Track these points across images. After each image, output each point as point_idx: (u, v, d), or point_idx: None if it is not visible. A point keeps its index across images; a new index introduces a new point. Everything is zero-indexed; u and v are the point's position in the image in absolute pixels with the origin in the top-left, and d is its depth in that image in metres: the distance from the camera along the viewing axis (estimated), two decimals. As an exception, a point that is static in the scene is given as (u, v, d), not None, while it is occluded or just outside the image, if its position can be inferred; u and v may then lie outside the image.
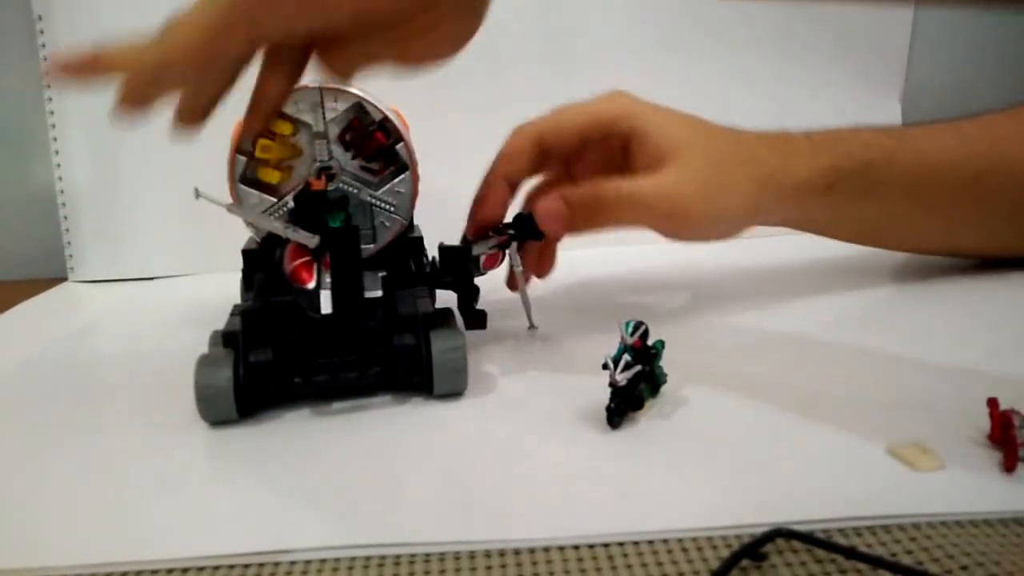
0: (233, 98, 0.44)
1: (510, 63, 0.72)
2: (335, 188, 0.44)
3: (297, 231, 0.38)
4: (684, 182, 0.42)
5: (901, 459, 0.31)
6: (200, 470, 0.35)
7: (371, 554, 0.28)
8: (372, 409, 0.39)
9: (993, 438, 0.32)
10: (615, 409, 0.35)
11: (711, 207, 0.43)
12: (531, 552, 0.27)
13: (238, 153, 0.43)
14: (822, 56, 0.74)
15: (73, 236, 0.71)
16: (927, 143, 0.49)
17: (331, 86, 0.43)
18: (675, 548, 0.27)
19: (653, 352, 0.37)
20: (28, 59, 0.70)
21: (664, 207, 0.42)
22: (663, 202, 0.42)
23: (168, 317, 0.58)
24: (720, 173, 0.43)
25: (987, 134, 0.50)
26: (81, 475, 0.34)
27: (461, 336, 0.40)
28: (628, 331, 0.36)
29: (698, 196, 0.42)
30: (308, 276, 0.37)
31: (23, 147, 0.74)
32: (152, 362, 0.48)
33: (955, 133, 0.50)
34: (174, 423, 0.38)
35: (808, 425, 0.35)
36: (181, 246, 0.71)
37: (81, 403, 0.43)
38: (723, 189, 0.43)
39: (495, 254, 0.47)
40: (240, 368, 0.37)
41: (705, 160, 0.43)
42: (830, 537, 0.27)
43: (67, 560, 0.28)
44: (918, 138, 0.50)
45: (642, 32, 0.73)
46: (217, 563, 0.28)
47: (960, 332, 0.46)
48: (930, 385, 0.39)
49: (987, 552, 0.26)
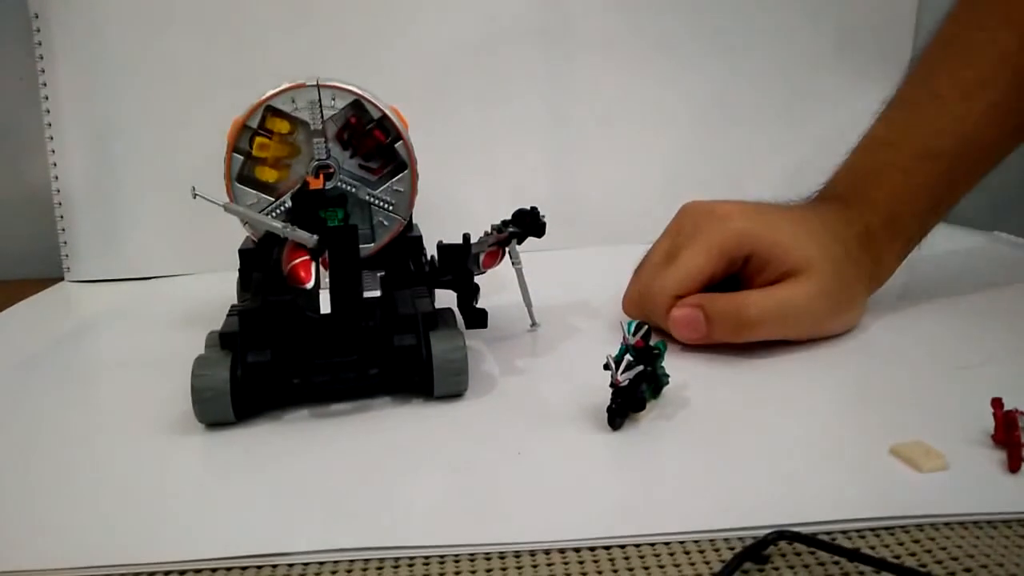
0: (230, 96, 0.44)
1: (510, 63, 0.72)
2: (333, 187, 0.44)
3: (295, 230, 0.37)
4: (818, 296, 0.43)
5: (904, 460, 0.31)
6: (198, 472, 0.35)
7: (371, 556, 0.28)
8: (372, 410, 0.39)
9: (997, 438, 0.32)
10: (616, 410, 0.35)
11: (839, 321, 0.46)
12: (532, 555, 0.27)
13: (235, 152, 0.43)
14: (824, 53, 0.74)
15: (69, 236, 0.71)
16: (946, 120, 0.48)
17: (329, 84, 0.42)
18: (677, 550, 0.27)
19: (656, 352, 0.37)
20: (24, 58, 0.69)
21: (805, 323, 0.44)
22: (804, 318, 0.44)
23: (165, 317, 0.58)
24: (842, 287, 0.45)
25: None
26: (77, 477, 0.34)
27: (461, 336, 0.39)
28: (630, 331, 0.35)
29: (829, 311, 0.45)
30: (306, 276, 0.37)
31: (19, 147, 0.73)
32: (148, 363, 0.47)
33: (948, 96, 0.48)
34: (171, 425, 0.38)
35: (810, 426, 0.35)
36: (178, 246, 0.70)
37: (77, 404, 0.43)
38: (847, 301, 0.46)
39: (495, 252, 0.47)
40: (238, 369, 0.37)
41: (833, 274, 0.44)
42: (833, 539, 0.27)
43: (64, 562, 0.28)
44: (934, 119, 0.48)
45: (642, 32, 0.73)
46: (215, 565, 0.27)
47: (963, 332, 0.46)
48: (933, 385, 0.39)
49: (991, 553, 0.26)
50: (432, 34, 0.71)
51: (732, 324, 0.43)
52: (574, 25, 0.72)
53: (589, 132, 0.74)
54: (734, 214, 0.45)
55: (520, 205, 0.48)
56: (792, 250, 0.44)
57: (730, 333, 0.43)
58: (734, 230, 0.44)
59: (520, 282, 0.49)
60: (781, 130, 0.75)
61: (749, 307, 0.43)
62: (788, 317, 0.43)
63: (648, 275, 0.46)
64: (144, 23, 0.69)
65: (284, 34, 0.70)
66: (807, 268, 0.43)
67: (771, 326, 0.43)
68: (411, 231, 0.47)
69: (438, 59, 0.71)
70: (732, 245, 0.44)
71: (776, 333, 0.43)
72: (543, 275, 0.50)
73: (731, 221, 0.45)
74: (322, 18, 0.70)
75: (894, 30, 0.75)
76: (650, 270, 0.47)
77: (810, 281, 0.43)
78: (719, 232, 0.45)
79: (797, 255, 0.43)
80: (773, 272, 0.44)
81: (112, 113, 0.69)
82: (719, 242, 0.44)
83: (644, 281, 0.47)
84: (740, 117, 0.75)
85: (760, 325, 0.43)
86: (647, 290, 0.46)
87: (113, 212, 0.71)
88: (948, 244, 0.46)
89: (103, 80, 0.69)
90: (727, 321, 0.43)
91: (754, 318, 0.43)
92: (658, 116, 0.75)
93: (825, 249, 0.44)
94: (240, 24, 0.69)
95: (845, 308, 0.46)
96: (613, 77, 0.73)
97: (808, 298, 0.43)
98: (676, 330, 0.44)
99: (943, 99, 0.48)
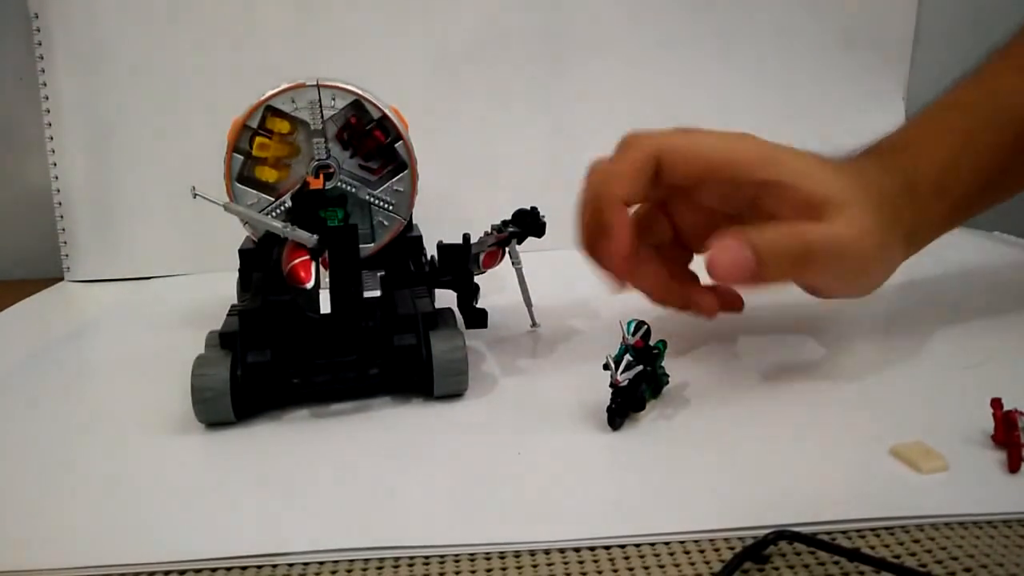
0: (230, 96, 0.44)
1: (510, 62, 0.72)
2: (333, 187, 0.43)
3: (295, 230, 0.37)
4: (865, 234, 0.38)
5: (904, 460, 0.31)
6: (198, 472, 0.35)
7: (370, 556, 0.28)
8: (372, 410, 0.39)
9: (997, 439, 0.32)
10: (616, 410, 0.35)
11: (885, 264, 0.40)
12: (532, 554, 0.27)
13: (235, 152, 0.43)
14: (825, 52, 0.74)
15: (69, 236, 0.71)
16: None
17: (329, 84, 0.42)
18: (677, 550, 0.27)
19: (655, 352, 0.37)
20: (25, 58, 0.69)
21: (854, 264, 0.38)
22: (854, 258, 0.38)
23: (165, 317, 0.58)
24: (884, 231, 0.39)
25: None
26: (77, 477, 0.34)
27: (461, 336, 0.39)
28: (630, 331, 0.35)
29: (875, 257, 0.39)
30: (306, 276, 0.37)
31: (19, 147, 0.73)
32: (149, 363, 0.47)
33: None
34: (171, 425, 0.38)
35: (811, 426, 0.35)
36: (178, 246, 0.70)
37: (77, 404, 0.43)
38: (887, 246, 0.40)
39: (495, 252, 0.47)
40: (238, 369, 0.37)
41: (870, 212, 0.38)
42: (833, 539, 0.27)
43: (64, 562, 0.28)
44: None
45: (642, 32, 0.73)
46: (215, 565, 0.27)
47: (963, 332, 0.46)
48: (933, 386, 0.39)
49: (991, 554, 0.26)
50: (432, 34, 0.71)
51: (793, 259, 0.36)
52: (574, 25, 0.72)
53: (589, 132, 0.74)
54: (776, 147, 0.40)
55: (520, 205, 0.48)
56: (816, 183, 0.38)
57: (786, 271, 0.37)
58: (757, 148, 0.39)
59: (520, 282, 0.49)
60: (781, 130, 0.75)
61: (809, 232, 0.36)
62: (844, 254, 0.37)
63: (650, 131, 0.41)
64: (144, 23, 0.69)
65: (284, 34, 0.70)
66: (834, 205, 0.37)
67: (833, 261, 0.37)
68: (411, 231, 0.47)
69: (438, 59, 0.71)
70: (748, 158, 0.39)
71: (830, 273, 0.38)
72: (543, 275, 0.50)
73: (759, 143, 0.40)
74: (322, 18, 0.70)
75: (894, 30, 0.76)
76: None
77: (852, 215, 0.37)
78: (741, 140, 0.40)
79: (820, 188, 0.38)
80: (792, 209, 0.38)
81: (112, 113, 0.69)
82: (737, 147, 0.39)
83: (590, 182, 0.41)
84: (740, 117, 0.75)
85: (823, 258, 0.37)
86: (635, 135, 0.41)
87: (113, 212, 0.71)
88: (948, 244, 0.45)
89: (103, 80, 0.69)
90: (786, 257, 0.36)
91: (819, 249, 0.36)
92: (658, 116, 0.74)
93: (859, 185, 0.38)
94: (240, 24, 0.69)
95: (886, 258, 0.40)
96: (613, 77, 0.73)
97: (860, 231, 0.37)
98: (717, 271, 0.36)
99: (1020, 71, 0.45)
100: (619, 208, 0.39)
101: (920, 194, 0.41)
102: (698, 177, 0.40)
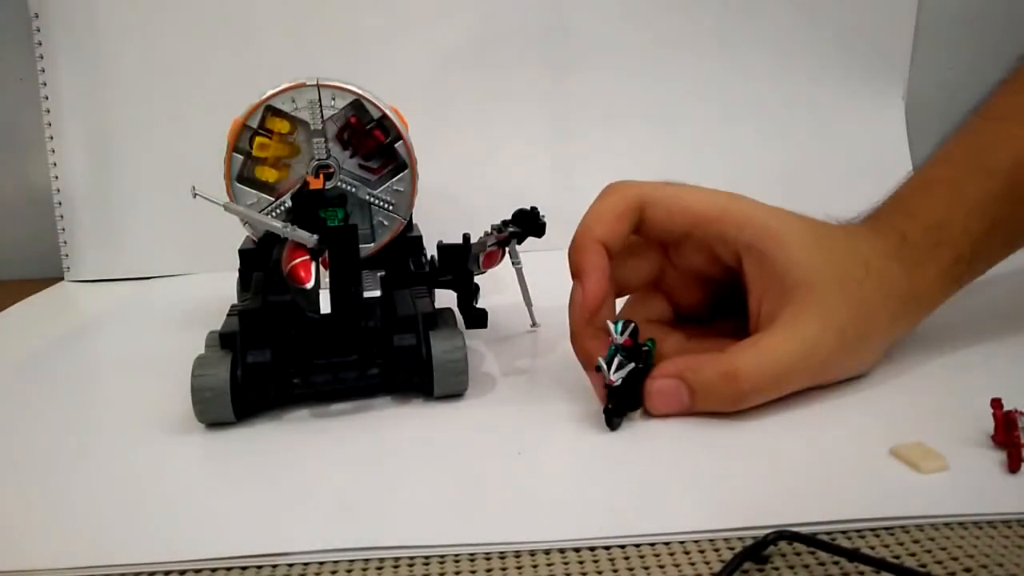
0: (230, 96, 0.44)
1: (511, 62, 0.72)
2: (333, 187, 0.43)
3: (295, 230, 0.37)
4: (824, 331, 0.36)
5: (904, 461, 0.31)
6: (198, 472, 0.35)
7: (370, 556, 0.28)
8: (372, 410, 0.39)
9: (997, 439, 0.32)
10: (613, 410, 0.35)
11: (851, 361, 0.38)
12: (531, 554, 0.27)
13: (235, 152, 0.43)
14: (824, 54, 0.74)
15: (69, 236, 0.71)
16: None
17: (329, 84, 0.42)
18: (677, 550, 0.27)
19: (645, 350, 0.37)
20: (25, 58, 0.69)
21: (806, 374, 0.36)
22: (806, 368, 0.36)
23: (165, 317, 0.58)
24: (860, 315, 0.37)
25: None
26: (77, 477, 0.34)
27: (461, 336, 0.39)
28: (618, 331, 0.35)
29: (839, 350, 0.37)
30: (306, 276, 0.37)
31: (19, 147, 0.73)
32: (148, 363, 0.48)
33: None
34: (171, 425, 0.38)
35: (811, 426, 0.35)
36: (178, 246, 0.70)
37: (77, 404, 0.43)
38: (863, 336, 0.38)
39: (495, 252, 0.47)
40: (238, 369, 0.37)
41: (843, 298, 0.36)
42: (833, 539, 0.27)
43: (64, 562, 0.28)
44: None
45: (642, 32, 0.73)
46: (215, 565, 0.27)
47: (963, 332, 0.46)
48: (933, 386, 0.39)
49: (991, 554, 0.26)
50: (432, 34, 0.71)
51: (722, 392, 0.35)
52: (574, 25, 0.72)
53: (589, 132, 0.74)
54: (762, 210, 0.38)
55: (520, 205, 0.48)
56: (794, 261, 0.37)
57: (720, 405, 0.36)
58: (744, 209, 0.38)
59: (520, 282, 0.49)
60: (782, 130, 0.75)
61: (740, 376, 0.35)
62: (790, 370, 0.36)
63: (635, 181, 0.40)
64: (144, 23, 0.69)
65: (284, 34, 0.70)
66: (809, 290, 0.36)
67: (769, 392, 0.36)
68: (411, 231, 0.47)
69: (438, 59, 0.71)
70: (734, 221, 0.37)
71: (773, 392, 0.36)
72: (543, 275, 0.50)
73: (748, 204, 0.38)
74: (322, 18, 0.70)
75: (894, 30, 0.75)
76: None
77: (811, 311, 0.36)
78: (732, 200, 0.38)
79: (798, 268, 0.36)
80: (768, 282, 0.37)
81: (112, 113, 0.69)
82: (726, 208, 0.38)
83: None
84: (740, 117, 0.75)
85: (756, 394, 0.36)
86: (618, 183, 0.39)
87: (113, 212, 0.71)
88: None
89: (103, 80, 0.69)
90: (716, 393, 0.35)
91: (747, 389, 0.35)
92: (658, 116, 0.74)
93: (835, 261, 0.37)
94: (240, 24, 0.69)
95: (856, 349, 0.38)
96: (613, 77, 0.73)
97: (810, 337, 0.36)
98: (654, 405, 0.36)
99: (1000, 120, 0.44)
100: (596, 249, 0.38)
101: (916, 248, 0.39)
102: (683, 231, 0.38)
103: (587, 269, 0.37)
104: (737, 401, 0.35)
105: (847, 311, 0.36)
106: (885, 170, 0.72)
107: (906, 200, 0.42)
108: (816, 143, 0.75)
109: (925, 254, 0.39)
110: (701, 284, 0.41)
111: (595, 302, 0.37)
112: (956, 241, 0.40)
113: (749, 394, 0.35)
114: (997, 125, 0.44)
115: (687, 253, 0.40)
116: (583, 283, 0.37)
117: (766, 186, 0.52)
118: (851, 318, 0.37)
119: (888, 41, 0.75)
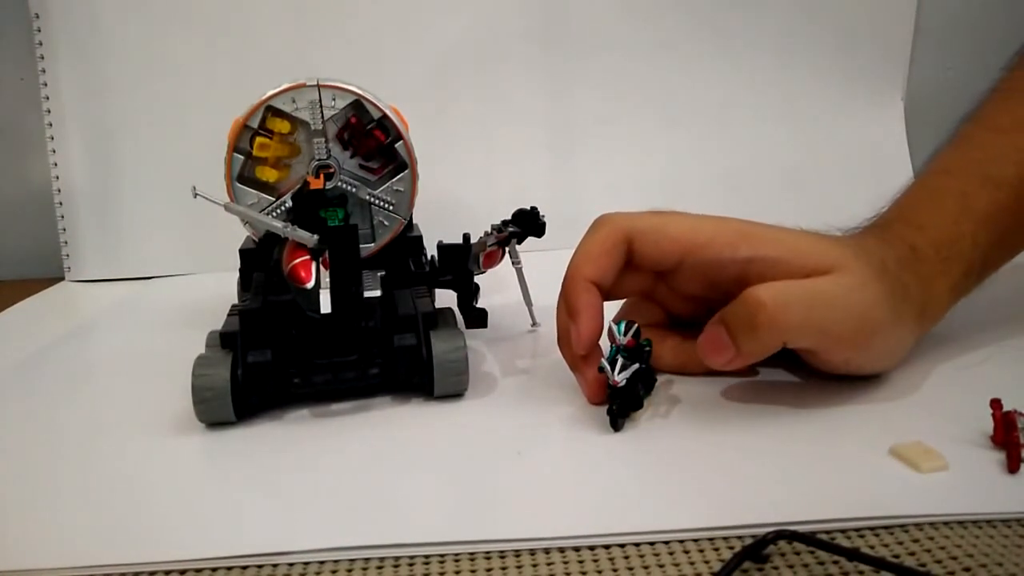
0: (230, 96, 0.44)
1: (511, 63, 0.72)
2: (333, 187, 0.44)
3: (296, 230, 0.37)
4: (859, 288, 0.35)
5: (904, 460, 0.31)
6: (198, 472, 0.35)
7: (371, 556, 0.28)
8: (372, 410, 0.39)
9: (996, 439, 0.32)
10: (617, 411, 0.35)
11: (896, 334, 0.37)
12: (531, 554, 0.27)
13: (235, 152, 0.43)
14: (824, 54, 0.74)
15: (70, 235, 0.71)
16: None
17: (329, 84, 0.43)
18: (677, 549, 0.27)
19: (647, 350, 0.37)
20: (25, 58, 0.70)
21: (844, 318, 0.35)
22: (841, 311, 0.35)
23: (165, 317, 0.58)
24: (890, 299, 0.36)
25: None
26: (77, 477, 0.34)
27: (461, 336, 0.39)
28: (620, 331, 0.35)
29: (876, 314, 0.35)
30: (307, 275, 0.37)
31: (20, 147, 0.73)
32: (149, 363, 0.48)
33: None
34: (171, 425, 0.38)
35: (810, 425, 0.35)
36: (178, 245, 0.70)
37: (77, 404, 0.43)
38: (900, 313, 0.37)
39: (495, 252, 0.47)
40: (238, 369, 0.37)
41: (872, 275, 0.35)
42: (833, 538, 0.27)
43: (64, 562, 0.28)
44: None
45: (642, 32, 0.73)
46: (215, 565, 0.27)
47: (963, 332, 0.46)
48: (933, 385, 0.39)
49: (990, 553, 0.26)
50: (432, 34, 0.71)
51: (746, 320, 0.34)
52: (574, 25, 0.72)
53: (589, 132, 0.74)
54: (754, 224, 0.38)
55: (520, 205, 0.48)
56: (807, 250, 0.36)
57: (749, 333, 0.34)
58: (735, 228, 0.37)
59: (520, 282, 0.49)
60: (781, 130, 0.75)
61: (758, 290, 0.34)
62: (818, 306, 0.34)
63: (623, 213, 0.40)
64: (144, 23, 0.69)
65: (284, 34, 0.70)
66: (842, 265, 0.35)
67: (798, 314, 0.34)
68: (411, 231, 0.47)
69: (438, 59, 0.71)
70: (726, 239, 0.37)
71: (809, 330, 0.35)
72: (543, 275, 0.50)
73: (738, 223, 0.38)
74: (322, 18, 0.70)
75: (894, 30, 0.76)
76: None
77: (844, 273, 0.35)
78: (720, 224, 0.38)
79: (815, 257, 0.35)
80: (785, 275, 0.35)
81: (112, 113, 0.70)
82: (715, 230, 0.37)
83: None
84: (740, 117, 0.75)
85: (782, 314, 0.34)
86: (607, 216, 0.39)
87: (113, 212, 0.71)
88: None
89: (103, 80, 0.69)
90: (741, 319, 0.34)
91: (769, 304, 0.34)
92: (658, 116, 0.75)
93: (860, 256, 0.36)
94: (240, 24, 0.69)
95: (894, 323, 0.36)
96: (613, 77, 0.73)
97: (846, 288, 0.34)
98: (706, 355, 0.36)
99: (1003, 132, 0.44)
100: (587, 287, 0.38)
101: (926, 260, 0.39)
102: (675, 261, 0.38)
103: (579, 308, 0.37)
104: (757, 320, 0.34)
105: (880, 285, 0.36)
106: (884, 170, 0.73)
107: (913, 211, 0.42)
108: (815, 143, 0.75)
109: (935, 268, 0.39)
110: (697, 301, 0.41)
111: (590, 342, 0.37)
112: (966, 255, 0.40)
113: (773, 311, 0.34)
114: (1002, 137, 0.43)
115: (682, 281, 0.39)
116: (576, 323, 0.37)
117: (766, 186, 0.52)
118: (884, 292, 0.36)
119: (887, 42, 0.75)
